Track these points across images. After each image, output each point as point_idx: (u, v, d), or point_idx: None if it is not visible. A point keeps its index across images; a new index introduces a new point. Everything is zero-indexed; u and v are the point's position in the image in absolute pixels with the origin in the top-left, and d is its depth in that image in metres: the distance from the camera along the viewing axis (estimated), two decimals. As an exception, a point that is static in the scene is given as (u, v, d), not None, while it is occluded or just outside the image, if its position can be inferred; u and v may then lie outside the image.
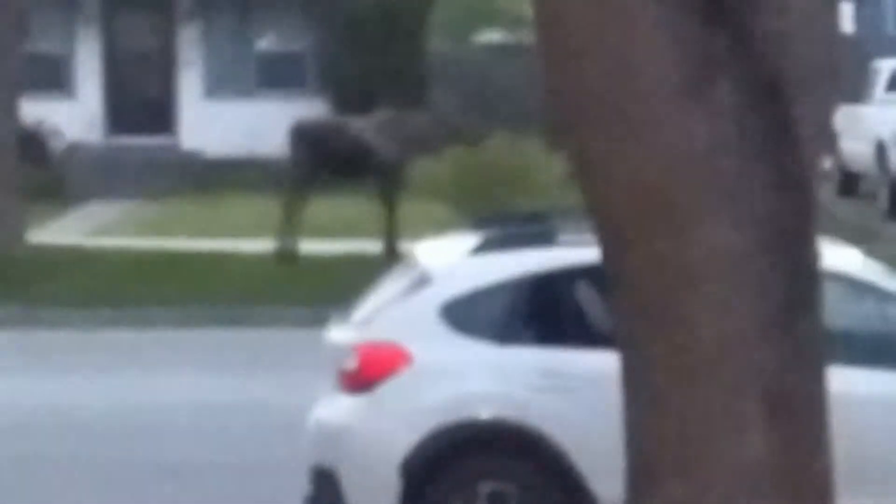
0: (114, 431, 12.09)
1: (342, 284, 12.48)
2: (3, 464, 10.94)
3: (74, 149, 28.80)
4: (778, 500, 5.74)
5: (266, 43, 30.64)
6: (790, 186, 5.68)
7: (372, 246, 19.05)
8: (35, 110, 25.61)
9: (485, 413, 8.23)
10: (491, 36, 42.51)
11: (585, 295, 8.30)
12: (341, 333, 8.69)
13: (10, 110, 20.43)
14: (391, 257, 16.40)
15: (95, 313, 16.72)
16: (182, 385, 13.69)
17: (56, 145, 28.60)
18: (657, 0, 5.54)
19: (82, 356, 15.15)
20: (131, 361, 14.87)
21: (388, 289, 8.87)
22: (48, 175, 26.67)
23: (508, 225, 9.61)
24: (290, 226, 19.33)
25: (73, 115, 29.37)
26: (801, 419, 5.78)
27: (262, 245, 19.73)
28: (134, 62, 30.56)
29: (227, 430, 11.98)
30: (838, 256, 8.22)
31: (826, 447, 5.88)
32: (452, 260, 8.78)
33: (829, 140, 6.30)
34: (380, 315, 8.56)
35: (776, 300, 5.66)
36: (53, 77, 29.44)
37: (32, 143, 25.62)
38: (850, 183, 25.80)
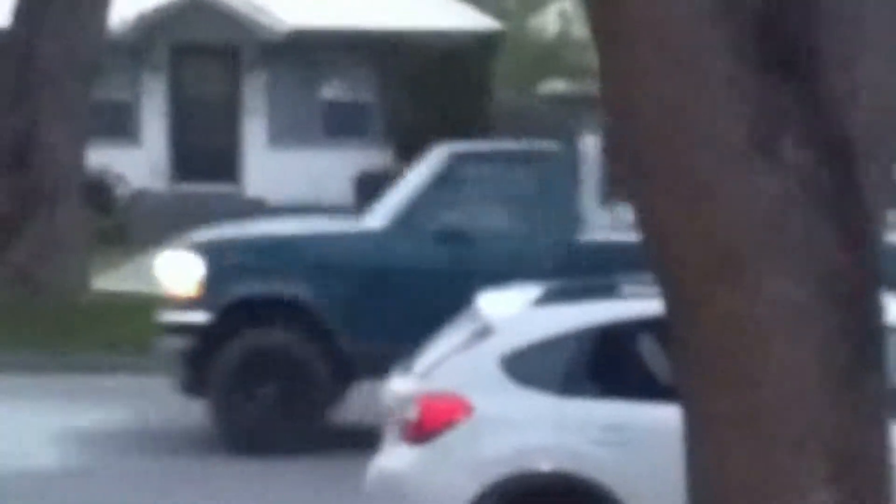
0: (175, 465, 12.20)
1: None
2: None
3: (139, 196, 29.01)
4: (841, 556, 5.73)
5: (331, 93, 30.78)
6: (855, 243, 5.67)
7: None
8: (101, 157, 25.82)
9: (545, 465, 8.21)
10: (555, 86, 42.58)
11: (647, 348, 8.29)
12: (403, 383, 8.70)
13: (76, 157, 20.58)
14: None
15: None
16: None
17: (121, 192, 28.80)
18: (726, 56, 5.55)
19: (144, 398, 15.24)
20: (189, 404, 14.93)
21: (450, 339, 8.88)
22: (113, 222, 26.86)
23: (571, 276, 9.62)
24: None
25: (139, 163, 29.60)
26: (865, 477, 5.75)
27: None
28: (199, 110, 30.76)
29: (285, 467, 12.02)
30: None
31: (888, 501, 5.85)
32: (515, 311, 8.78)
33: (893, 196, 6.27)
34: (441, 365, 8.57)
35: (840, 357, 5.64)
36: (120, 124, 29.69)
37: (98, 191, 25.84)
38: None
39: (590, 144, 14.73)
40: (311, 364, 12.97)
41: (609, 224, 13.41)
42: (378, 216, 13.52)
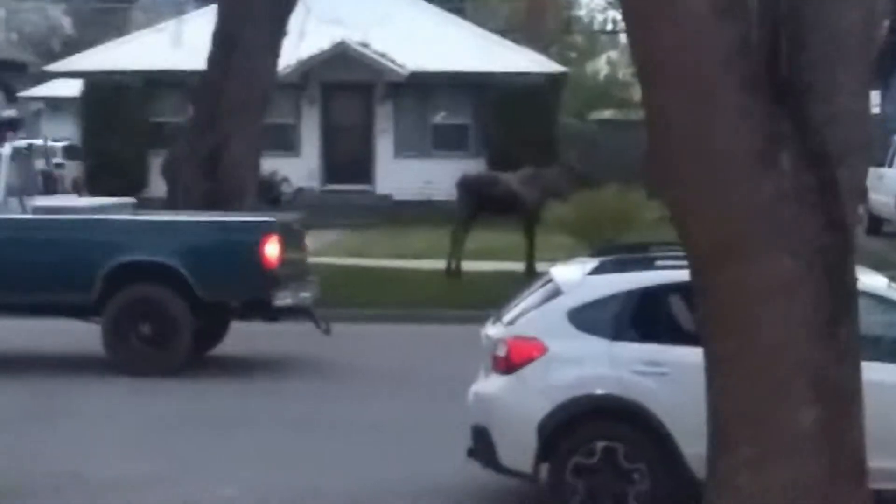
0: (327, 393, 12.19)
1: (494, 294, 12.50)
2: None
3: (299, 193, 29.18)
4: (822, 461, 5.68)
5: (439, 118, 30.79)
6: (835, 228, 5.65)
7: (516, 266, 19.05)
8: (272, 164, 26.00)
9: (600, 390, 8.16)
10: (604, 113, 42.33)
11: (676, 305, 8.25)
12: (495, 330, 8.68)
13: (254, 165, 20.72)
14: (531, 275, 16.39)
15: (315, 311, 16.87)
16: (375, 362, 13.79)
17: (286, 190, 28.97)
18: (736, 89, 5.54)
19: (305, 340, 15.30)
20: (341, 345, 15.01)
21: (530, 298, 8.85)
22: (279, 212, 27.00)
23: (619, 252, 9.57)
24: (455, 250, 19.39)
25: (299, 169, 29.76)
26: (840, 400, 5.73)
27: (435, 264, 19.81)
28: (343, 131, 30.86)
29: (408, 394, 11.99)
30: (869, 280, 8.09)
31: (860, 422, 5.81)
32: (578, 277, 8.73)
33: (862, 194, 6.19)
34: (524, 317, 8.54)
35: (824, 312, 5.62)
36: (285, 140, 29.84)
37: (269, 189, 26.00)
38: (876, 225, 25.34)
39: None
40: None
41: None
42: None
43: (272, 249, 12.93)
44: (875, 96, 33.21)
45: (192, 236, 13.31)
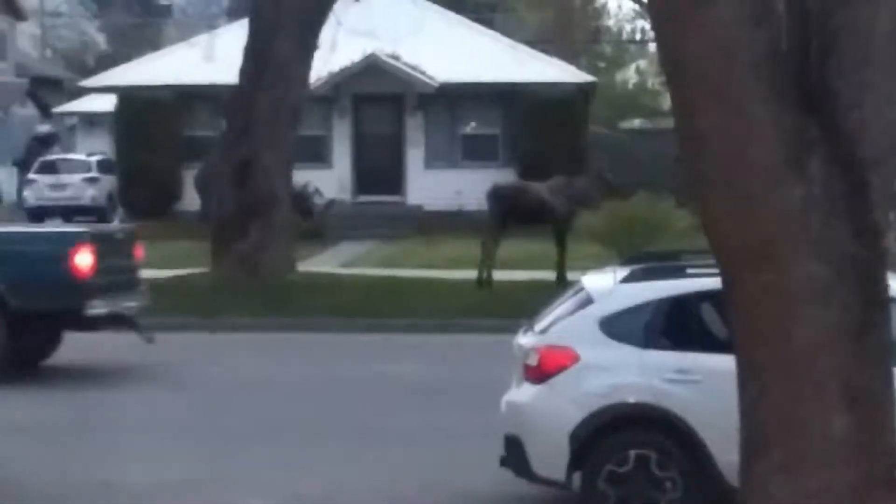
0: (355, 401, 12.24)
1: (525, 303, 12.47)
2: (281, 418, 11.20)
3: (331, 204, 29.23)
4: (854, 466, 5.64)
5: (469, 128, 30.81)
6: (866, 234, 5.61)
7: (547, 275, 19.03)
8: (304, 176, 26.08)
9: (632, 398, 8.13)
10: (633, 122, 42.25)
11: (707, 313, 8.21)
12: (527, 339, 8.66)
13: (286, 176, 20.81)
14: (562, 284, 16.34)
15: (348, 321, 16.96)
16: (407, 371, 13.81)
17: (318, 201, 29.05)
18: (766, 96, 5.52)
19: (339, 351, 15.40)
20: (372, 355, 15.09)
21: (561, 307, 8.83)
22: (312, 223, 27.08)
23: (650, 261, 9.54)
24: (487, 260, 19.40)
25: (331, 180, 29.81)
26: (872, 407, 5.68)
27: (466, 274, 19.82)
28: (374, 142, 30.92)
29: (439, 403, 12.01)
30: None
31: (892, 428, 5.76)
32: (609, 286, 8.70)
33: (893, 200, 6.15)
34: (555, 326, 8.51)
35: (854, 318, 5.58)
36: (317, 152, 29.93)
37: (301, 200, 26.08)
38: (906, 232, 25.14)
39: None
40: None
41: None
42: None
43: (83, 259, 13.12)
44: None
45: (2, 246, 13.49)
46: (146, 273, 20.65)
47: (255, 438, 10.78)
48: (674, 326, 8.31)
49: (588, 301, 8.54)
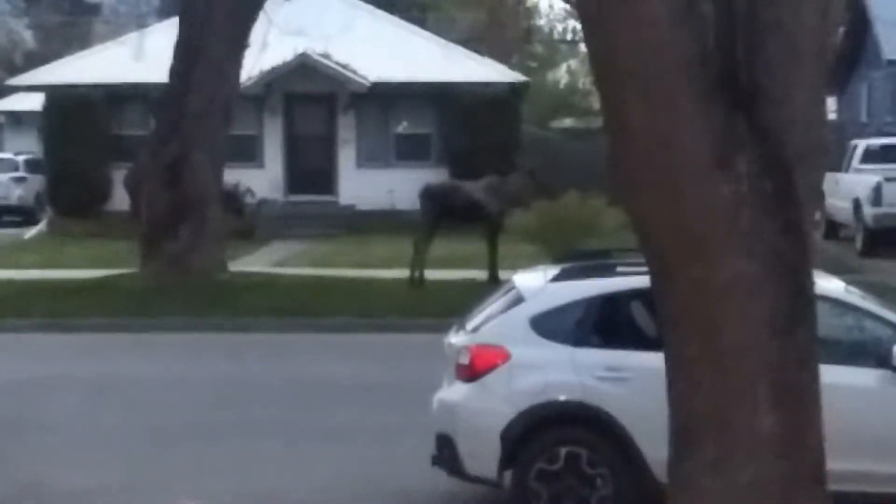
0: (287, 400, 12.15)
1: (457, 302, 12.45)
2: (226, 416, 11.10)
3: (263, 204, 29.06)
4: (782, 462, 5.68)
5: (401, 128, 30.76)
6: (792, 232, 5.64)
7: (479, 274, 19.04)
8: (235, 175, 25.88)
9: (563, 396, 8.15)
10: (564, 122, 42.43)
11: (637, 311, 8.25)
12: (458, 338, 8.66)
13: (217, 176, 20.62)
14: (493, 283, 16.36)
15: (280, 321, 16.84)
16: (339, 371, 13.72)
17: (249, 201, 28.85)
18: (694, 94, 5.54)
19: (271, 351, 15.28)
20: (304, 354, 15.00)
21: (493, 305, 8.85)
22: (243, 222, 26.89)
23: (580, 260, 9.57)
24: (419, 259, 19.34)
25: (262, 180, 29.63)
26: (799, 403, 5.72)
27: (398, 273, 19.77)
28: (305, 142, 30.75)
29: (370, 403, 11.95)
30: (826, 283, 8.13)
31: (819, 424, 5.81)
32: (540, 285, 8.74)
33: (819, 198, 6.19)
34: (487, 324, 8.53)
35: (782, 314, 5.61)
36: (248, 152, 29.70)
37: (232, 199, 25.87)
38: (833, 230, 25.49)
39: None
40: None
41: None
42: None
43: None
44: (832, 102, 33.50)
45: None
46: (75, 273, 20.56)
47: (189, 439, 10.66)
48: (604, 324, 8.34)
49: (519, 300, 8.55)
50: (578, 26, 37.05)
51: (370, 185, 29.37)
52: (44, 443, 10.56)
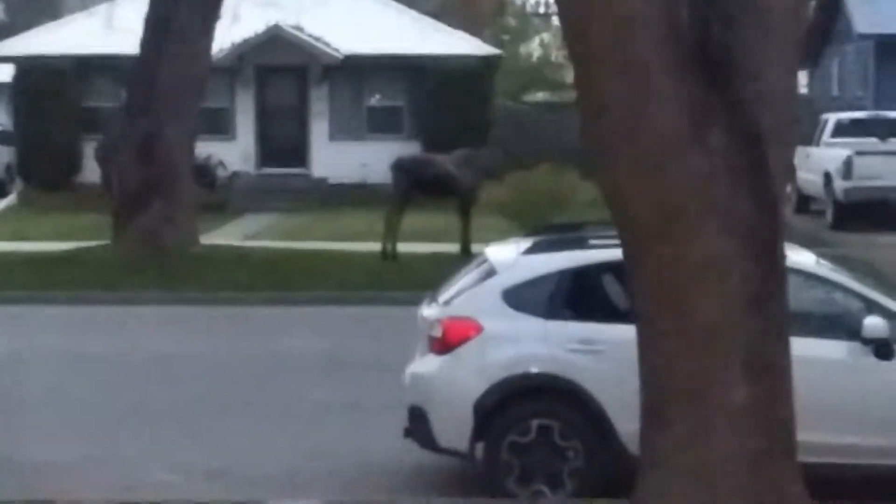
0: (259, 375, 12.11)
1: (430, 275, 12.43)
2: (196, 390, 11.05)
3: (234, 176, 28.92)
4: (754, 436, 5.71)
5: (374, 101, 30.65)
6: (765, 207, 5.66)
7: (451, 248, 19.02)
8: (207, 148, 25.73)
9: (535, 368, 8.16)
10: (537, 95, 42.38)
11: (610, 284, 8.25)
12: (431, 310, 8.66)
13: (189, 148, 20.51)
14: (466, 256, 16.35)
15: (252, 294, 16.78)
16: (309, 345, 13.70)
17: (221, 174, 28.70)
18: (668, 69, 5.54)
19: (243, 324, 15.24)
20: (277, 328, 14.95)
21: (465, 278, 8.84)
22: (215, 195, 26.75)
23: (553, 233, 9.57)
24: (391, 233, 19.31)
25: (234, 152, 29.48)
26: (771, 377, 5.75)
27: (370, 247, 19.72)
28: (278, 114, 30.59)
29: (342, 377, 11.91)
30: (797, 256, 8.14)
31: (790, 397, 5.84)
32: (512, 258, 8.73)
33: (791, 172, 6.20)
34: (459, 297, 8.52)
35: (754, 288, 5.63)
36: (220, 124, 29.52)
37: (204, 172, 25.73)
38: (804, 203, 25.62)
39: None
40: None
41: None
42: None
43: None
44: (803, 76, 33.60)
45: None
46: (46, 246, 20.43)
47: (161, 414, 10.62)
48: (576, 297, 8.34)
49: (492, 272, 8.55)
50: (552, 0, 36.91)
51: (342, 157, 29.27)
52: (13, 417, 10.50)
